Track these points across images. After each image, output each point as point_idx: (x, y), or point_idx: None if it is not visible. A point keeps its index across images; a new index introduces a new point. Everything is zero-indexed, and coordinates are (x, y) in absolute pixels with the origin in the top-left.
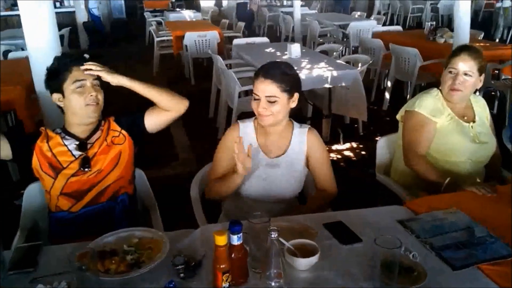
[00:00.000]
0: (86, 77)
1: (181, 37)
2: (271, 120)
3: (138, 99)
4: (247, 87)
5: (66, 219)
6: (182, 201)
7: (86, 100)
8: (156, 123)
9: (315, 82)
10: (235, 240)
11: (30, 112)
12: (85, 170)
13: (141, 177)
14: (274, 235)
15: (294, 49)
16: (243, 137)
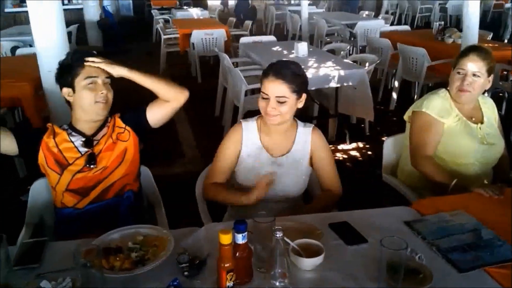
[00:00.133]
0: (98, 75)
1: (188, 35)
2: (278, 120)
3: (138, 97)
4: (254, 86)
5: (72, 216)
6: (187, 199)
7: (96, 98)
8: (158, 116)
9: (322, 81)
10: (240, 239)
11: (37, 108)
12: (91, 167)
13: (147, 175)
14: (279, 235)
15: (301, 48)
16: (246, 137)
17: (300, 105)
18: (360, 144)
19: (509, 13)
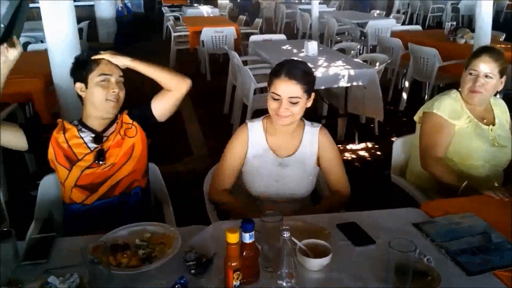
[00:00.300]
0: (112, 73)
1: (198, 33)
2: (289, 121)
3: (141, 93)
4: (263, 84)
5: (80, 211)
6: (195, 197)
7: (108, 95)
8: (163, 108)
9: (332, 81)
10: (247, 238)
11: (48, 104)
12: (100, 163)
13: (155, 172)
14: (287, 235)
15: (311, 47)
16: (252, 138)
17: (309, 104)
18: (369, 144)
19: None
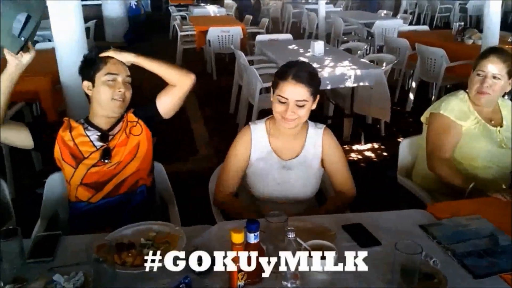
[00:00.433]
0: (119, 72)
1: (205, 32)
2: (295, 124)
3: (141, 92)
4: (269, 84)
5: (85, 210)
6: (200, 197)
7: (114, 95)
8: (168, 104)
9: (338, 81)
10: (252, 239)
11: (54, 103)
12: (105, 162)
13: (160, 171)
14: (292, 235)
15: (318, 47)
16: (255, 140)
17: (314, 107)
18: (375, 145)
19: None
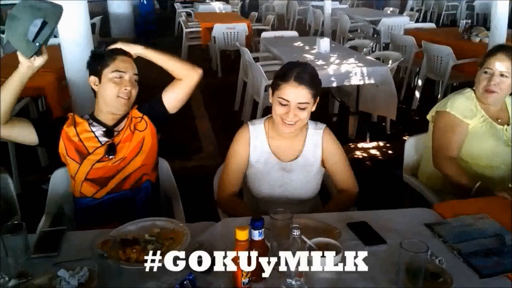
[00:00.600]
0: (127, 70)
1: (210, 29)
2: (294, 129)
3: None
4: None
5: (90, 205)
6: (205, 193)
7: (119, 92)
8: (174, 98)
9: (343, 78)
10: (257, 236)
11: (60, 98)
12: (110, 157)
13: (165, 168)
14: (297, 233)
15: (323, 44)
16: (254, 141)
17: (314, 108)
18: (381, 143)
19: None
